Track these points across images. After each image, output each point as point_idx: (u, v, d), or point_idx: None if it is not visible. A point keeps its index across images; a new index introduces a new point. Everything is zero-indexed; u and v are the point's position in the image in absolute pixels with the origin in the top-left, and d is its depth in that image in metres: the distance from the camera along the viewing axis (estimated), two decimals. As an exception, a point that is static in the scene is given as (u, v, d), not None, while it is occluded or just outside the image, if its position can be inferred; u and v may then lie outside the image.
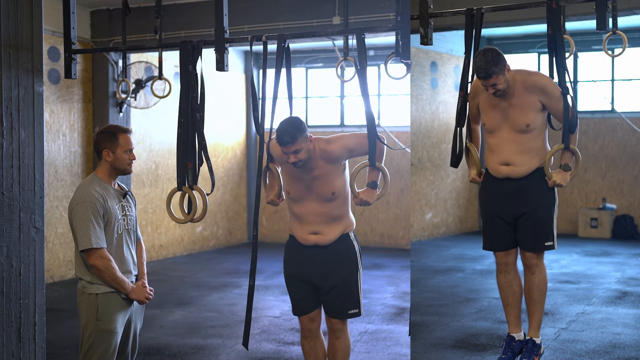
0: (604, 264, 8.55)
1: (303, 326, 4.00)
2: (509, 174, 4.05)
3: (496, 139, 4.06)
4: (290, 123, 3.64)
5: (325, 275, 3.87)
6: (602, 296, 6.73)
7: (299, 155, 3.65)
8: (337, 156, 3.76)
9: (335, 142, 3.77)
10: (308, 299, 3.95)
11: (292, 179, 3.83)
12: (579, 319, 5.86)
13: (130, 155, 3.53)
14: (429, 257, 9.28)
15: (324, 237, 3.85)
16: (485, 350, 5.08)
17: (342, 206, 3.85)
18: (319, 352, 4.01)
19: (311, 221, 3.85)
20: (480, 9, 3.81)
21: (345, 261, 3.87)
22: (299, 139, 3.61)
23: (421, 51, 10.54)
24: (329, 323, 3.96)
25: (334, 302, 3.89)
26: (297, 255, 3.96)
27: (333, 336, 3.97)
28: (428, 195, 10.80)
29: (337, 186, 3.79)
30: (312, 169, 3.75)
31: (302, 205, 3.85)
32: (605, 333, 5.43)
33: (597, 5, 3.53)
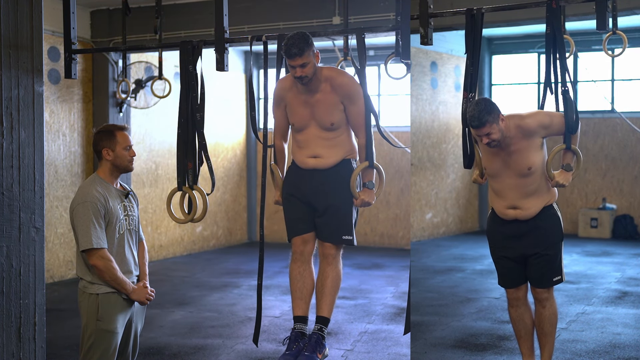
0: (604, 264, 8.55)
1: (295, 248, 3.86)
2: (516, 216, 4.05)
3: (500, 184, 4.02)
4: (299, 36, 3.60)
5: (323, 196, 3.76)
6: (602, 296, 6.73)
7: (305, 70, 3.61)
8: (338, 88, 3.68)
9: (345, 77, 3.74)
10: (304, 218, 3.82)
11: (297, 106, 3.78)
12: (579, 319, 5.86)
13: (130, 151, 3.53)
14: (429, 257, 9.28)
15: (323, 160, 3.78)
16: (485, 350, 5.08)
17: (342, 135, 3.80)
18: (307, 279, 3.85)
19: (311, 145, 3.78)
20: (480, 9, 3.80)
21: (342, 186, 3.77)
22: (306, 52, 3.58)
23: (421, 51, 10.54)
24: (322, 248, 3.82)
25: (329, 224, 3.77)
26: (295, 177, 3.87)
27: (324, 262, 3.82)
28: (428, 195, 10.80)
29: (335, 118, 3.74)
30: (316, 90, 3.70)
31: (304, 132, 3.79)
32: (605, 333, 5.43)
33: (597, 5, 3.53)
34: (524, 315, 4.24)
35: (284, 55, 3.60)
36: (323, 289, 3.81)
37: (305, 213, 3.84)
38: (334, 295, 3.84)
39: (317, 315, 3.81)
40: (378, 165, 3.72)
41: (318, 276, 3.84)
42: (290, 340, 3.74)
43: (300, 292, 3.87)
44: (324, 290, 3.80)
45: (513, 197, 4.02)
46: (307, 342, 3.71)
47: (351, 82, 3.73)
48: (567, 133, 3.84)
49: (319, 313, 3.81)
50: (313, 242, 3.87)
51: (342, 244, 3.81)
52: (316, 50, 3.66)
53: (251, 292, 7.48)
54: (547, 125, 3.86)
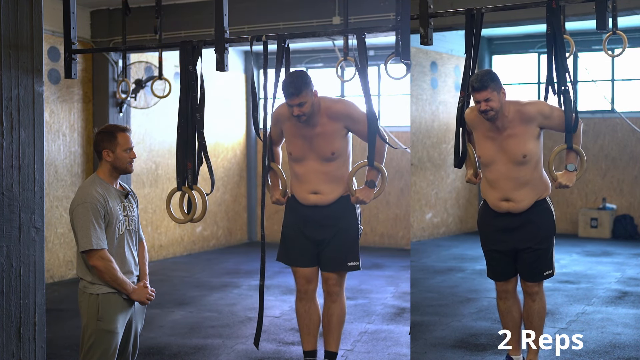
0: (604, 264, 8.55)
1: (299, 287, 3.94)
2: (509, 209, 4.03)
3: (493, 173, 4.01)
4: (297, 76, 3.64)
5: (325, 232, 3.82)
6: (602, 296, 6.73)
7: (303, 109, 3.64)
8: (340, 116, 3.75)
9: (341, 104, 3.81)
10: (305, 250, 3.88)
11: (295, 137, 3.81)
12: (579, 319, 5.86)
13: (130, 153, 3.53)
14: (429, 257, 9.28)
15: (324, 197, 3.82)
16: (485, 350, 5.08)
17: (342, 167, 3.83)
18: (313, 315, 3.95)
19: (311, 180, 3.82)
20: (480, 9, 3.80)
21: (344, 218, 3.83)
22: (304, 91, 3.61)
23: (421, 51, 10.54)
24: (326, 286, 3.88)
25: (335, 254, 3.82)
26: (296, 212, 3.91)
27: (329, 299, 3.90)
28: (428, 195, 10.80)
29: (337, 146, 3.77)
30: (315, 124, 3.74)
31: (302, 164, 3.83)
32: (605, 333, 5.43)
33: (597, 5, 3.53)
34: (512, 308, 4.25)
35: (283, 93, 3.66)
36: (329, 325, 3.96)
37: (306, 245, 3.94)
38: (340, 330, 4.01)
39: (326, 350, 4.01)
40: (381, 167, 3.72)
41: (323, 313, 3.97)
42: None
43: (308, 328, 4.04)
44: (331, 326, 3.96)
45: (506, 188, 3.99)
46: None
47: (348, 106, 3.80)
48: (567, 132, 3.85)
49: (327, 348, 4.01)
50: (316, 279, 3.99)
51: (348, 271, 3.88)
52: (314, 88, 3.69)
53: (251, 292, 7.48)
54: (547, 115, 3.85)
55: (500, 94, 3.79)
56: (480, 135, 3.99)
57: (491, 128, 3.94)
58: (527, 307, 4.21)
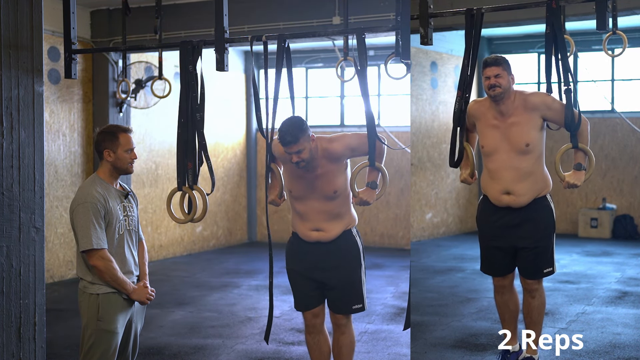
0: (604, 264, 8.55)
1: (307, 322, 4.01)
2: (509, 203, 4.04)
3: (495, 163, 4.03)
4: (292, 123, 3.65)
5: (328, 271, 3.89)
6: (602, 296, 6.73)
7: (302, 155, 3.65)
8: (340, 155, 3.77)
9: (338, 141, 3.79)
10: (311, 294, 3.96)
11: (295, 178, 3.84)
12: (579, 319, 5.86)
13: (131, 154, 3.54)
14: (429, 257, 9.28)
15: (326, 234, 3.87)
16: (485, 350, 5.08)
17: (343, 204, 3.87)
18: (324, 347, 4.02)
19: (313, 218, 3.87)
20: (480, 9, 3.80)
21: (348, 257, 3.90)
22: (301, 139, 3.62)
23: (421, 51, 10.54)
24: (334, 319, 3.97)
25: (338, 298, 3.90)
26: (299, 252, 3.97)
27: (338, 331, 3.98)
28: (428, 195, 10.80)
29: (338, 185, 3.81)
30: (315, 168, 3.76)
31: (304, 203, 3.87)
32: (605, 333, 5.43)
33: (597, 5, 3.53)
34: (509, 302, 4.29)
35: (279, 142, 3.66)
36: (340, 357, 4.00)
37: (312, 289, 3.99)
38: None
39: None
40: (382, 167, 3.72)
41: (333, 345, 4.06)
42: None
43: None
44: (341, 358, 4.00)
45: (508, 179, 3.99)
46: None
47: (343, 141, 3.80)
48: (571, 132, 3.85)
49: None
50: (323, 314, 4.05)
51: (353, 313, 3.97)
52: (312, 133, 3.69)
53: (251, 292, 7.48)
54: (549, 106, 3.90)
55: (510, 76, 3.95)
56: (484, 124, 4.04)
57: (495, 115, 4.00)
58: (527, 304, 4.22)
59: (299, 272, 3.98)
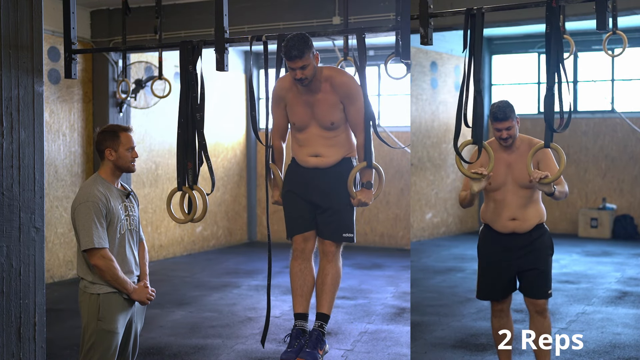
0: (604, 264, 8.55)
1: (296, 246, 3.87)
2: (515, 228, 4.22)
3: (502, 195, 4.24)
4: (298, 38, 3.61)
5: (324, 194, 3.79)
6: (602, 296, 6.73)
7: (306, 72, 3.62)
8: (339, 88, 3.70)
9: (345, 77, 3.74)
10: (305, 216, 3.84)
11: (297, 105, 3.79)
12: (579, 319, 5.86)
13: (132, 153, 3.54)
14: (429, 257, 9.28)
15: (324, 159, 3.80)
16: (485, 350, 5.08)
17: (342, 134, 3.81)
18: (308, 276, 3.87)
19: (313, 144, 3.81)
20: (481, 9, 3.79)
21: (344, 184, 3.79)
22: (306, 54, 3.59)
23: (421, 51, 10.54)
24: (322, 246, 3.84)
25: (330, 223, 3.79)
26: (296, 175, 3.89)
27: (324, 259, 3.84)
28: (428, 195, 10.80)
29: (335, 117, 3.75)
30: (316, 90, 3.72)
31: (305, 132, 3.81)
32: (605, 333, 5.44)
33: (597, 5, 3.52)
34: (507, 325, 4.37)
35: (284, 56, 3.61)
36: (323, 286, 3.83)
37: (305, 211, 3.85)
38: (334, 292, 3.87)
39: (317, 312, 3.83)
40: (377, 165, 3.72)
41: (318, 273, 3.86)
42: (291, 338, 3.77)
43: (301, 289, 3.90)
44: (324, 287, 3.83)
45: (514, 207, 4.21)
46: (308, 338, 3.73)
47: (351, 82, 3.74)
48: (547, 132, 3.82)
49: (319, 310, 3.83)
50: (314, 240, 3.89)
51: (343, 242, 3.83)
52: (316, 51, 3.67)
53: (251, 292, 7.48)
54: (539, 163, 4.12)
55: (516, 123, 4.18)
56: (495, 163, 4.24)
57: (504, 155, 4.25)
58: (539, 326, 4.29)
59: (295, 192, 3.86)
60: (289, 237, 3.93)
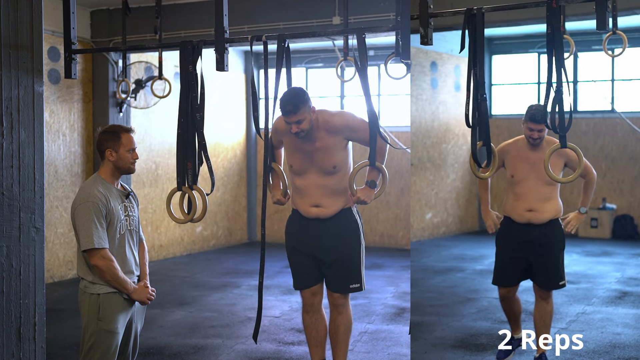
0: (604, 264, 8.55)
1: (305, 300, 3.99)
2: (530, 219, 4.57)
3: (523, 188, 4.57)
4: (294, 93, 3.65)
5: (327, 249, 3.87)
6: (602, 296, 6.73)
7: (302, 126, 3.66)
8: (338, 129, 3.76)
9: (339, 116, 3.81)
10: (310, 272, 3.93)
11: (295, 151, 3.83)
12: (579, 319, 5.86)
13: (133, 154, 3.55)
14: (429, 257, 9.28)
15: (325, 210, 3.85)
16: (485, 350, 5.08)
17: (343, 180, 3.85)
18: (320, 326, 3.99)
19: (312, 194, 3.86)
20: (481, 9, 3.79)
21: (347, 235, 3.87)
22: (301, 109, 3.63)
23: (421, 51, 10.54)
24: (331, 298, 3.94)
25: (336, 276, 3.87)
26: (299, 228, 3.96)
27: (335, 311, 3.95)
28: (428, 195, 10.80)
29: (338, 160, 3.79)
30: (314, 139, 3.75)
31: (303, 178, 3.85)
32: (605, 333, 5.44)
33: (597, 5, 3.52)
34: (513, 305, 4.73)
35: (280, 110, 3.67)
36: (337, 337, 4.01)
37: (311, 266, 3.98)
38: (347, 342, 4.06)
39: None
40: (382, 167, 3.73)
41: (330, 325, 4.01)
42: None
43: (315, 339, 4.08)
44: (338, 338, 4.01)
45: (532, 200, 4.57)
46: None
47: (345, 117, 3.81)
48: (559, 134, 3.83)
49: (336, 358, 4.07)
50: (321, 292, 4.06)
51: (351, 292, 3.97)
52: (312, 105, 3.71)
53: (251, 292, 7.48)
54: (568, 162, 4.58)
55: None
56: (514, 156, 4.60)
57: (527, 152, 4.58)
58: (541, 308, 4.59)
59: (298, 249, 3.96)
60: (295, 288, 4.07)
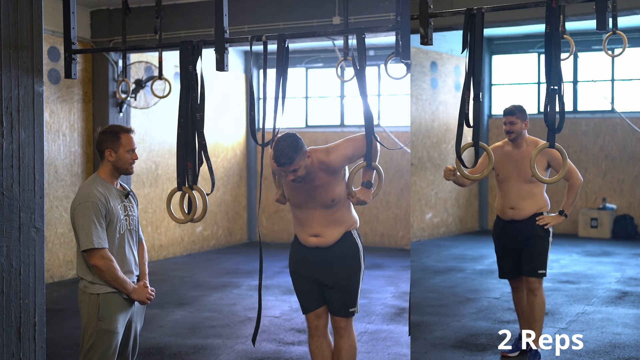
0: (604, 264, 8.55)
1: (310, 324, 4.02)
2: (513, 216, 4.79)
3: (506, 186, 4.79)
4: (287, 144, 3.64)
5: (328, 273, 3.90)
6: (602, 296, 6.73)
7: (298, 173, 3.68)
8: (337, 167, 3.79)
9: (335, 152, 3.78)
10: (313, 295, 3.98)
11: (293, 189, 3.87)
12: (579, 319, 5.86)
13: (132, 155, 3.55)
14: (429, 257, 9.28)
15: (325, 240, 3.89)
16: (485, 350, 5.08)
17: (342, 209, 3.88)
18: (326, 352, 4.03)
19: (312, 224, 3.90)
20: (481, 9, 3.79)
21: (347, 259, 3.91)
22: (296, 160, 3.63)
23: (421, 51, 10.54)
24: (333, 322, 3.99)
25: (336, 300, 3.92)
26: (300, 255, 4.01)
27: (337, 335, 3.99)
28: (428, 195, 10.80)
29: (337, 193, 3.83)
30: (313, 180, 3.78)
31: (303, 211, 3.90)
32: (605, 333, 5.44)
33: (597, 5, 3.52)
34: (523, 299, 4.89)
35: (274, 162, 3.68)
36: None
37: (313, 290, 4.02)
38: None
39: None
40: (377, 166, 3.73)
41: (334, 350, 4.07)
42: None
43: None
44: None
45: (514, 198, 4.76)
46: None
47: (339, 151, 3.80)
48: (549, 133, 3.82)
49: None
50: (326, 315, 4.07)
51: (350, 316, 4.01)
52: (307, 150, 3.70)
53: (251, 292, 7.48)
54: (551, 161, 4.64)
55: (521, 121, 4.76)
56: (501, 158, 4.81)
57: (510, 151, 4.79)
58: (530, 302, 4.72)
59: (301, 274, 4.00)
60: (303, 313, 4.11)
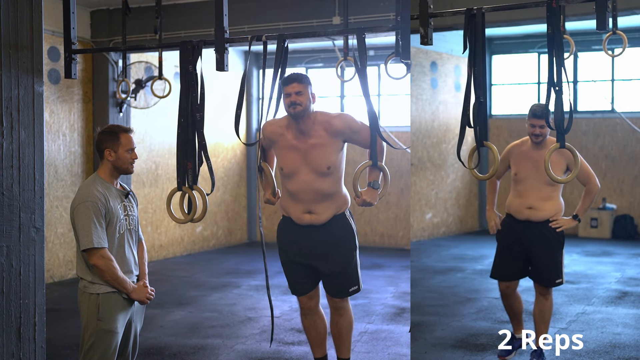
0: (604, 264, 8.55)
1: (302, 305, 4.03)
2: (529, 216, 4.65)
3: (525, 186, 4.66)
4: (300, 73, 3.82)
5: (324, 258, 3.89)
6: (602, 296, 6.73)
7: (300, 98, 3.71)
8: (339, 131, 3.79)
9: (340, 118, 3.84)
10: (305, 280, 3.97)
11: (287, 150, 3.84)
12: (579, 319, 5.86)
13: (132, 154, 3.55)
14: (429, 257, 9.28)
15: (319, 217, 3.87)
16: (485, 350, 5.08)
17: (335, 184, 3.88)
18: (320, 327, 4.04)
19: (305, 199, 3.87)
20: (481, 9, 3.79)
21: (341, 242, 3.89)
22: (304, 82, 3.75)
23: (421, 51, 10.54)
24: (331, 302, 3.99)
25: (335, 283, 3.92)
26: (292, 237, 3.97)
27: (336, 314, 3.99)
28: (428, 195, 10.80)
29: (332, 160, 3.80)
30: (310, 136, 3.76)
31: (295, 180, 3.86)
32: (605, 333, 5.44)
33: (597, 5, 3.52)
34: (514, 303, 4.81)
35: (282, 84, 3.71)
36: (340, 336, 4.06)
37: (306, 275, 4.03)
38: (349, 338, 4.12)
39: (338, 357, 4.14)
40: (383, 166, 3.73)
41: (332, 326, 4.06)
42: None
43: (315, 339, 4.14)
44: (341, 338, 4.07)
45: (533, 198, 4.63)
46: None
47: (346, 119, 3.86)
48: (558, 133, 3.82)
49: (340, 355, 4.13)
50: (317, 295, 4.10)
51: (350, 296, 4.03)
52: (314, 92, 3.76)
53: (251, 292, 7.48)
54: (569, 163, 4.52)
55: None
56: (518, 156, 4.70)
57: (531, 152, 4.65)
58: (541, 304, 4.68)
59: (292, 259, 3.98)
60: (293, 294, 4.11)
